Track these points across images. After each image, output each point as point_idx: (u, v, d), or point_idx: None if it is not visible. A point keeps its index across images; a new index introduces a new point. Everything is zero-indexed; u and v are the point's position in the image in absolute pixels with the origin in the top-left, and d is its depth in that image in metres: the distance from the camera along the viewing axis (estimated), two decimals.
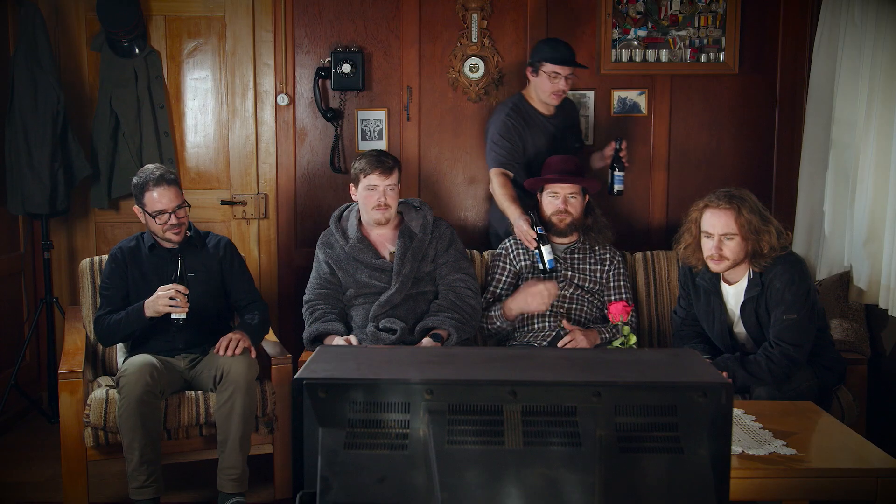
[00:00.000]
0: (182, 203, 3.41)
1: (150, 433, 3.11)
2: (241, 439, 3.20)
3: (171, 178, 3.41)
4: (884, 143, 3.55)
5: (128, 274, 3.42)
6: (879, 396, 3.68)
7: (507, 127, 3.90)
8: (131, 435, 3.09)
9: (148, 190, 3.35)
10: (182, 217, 3.41)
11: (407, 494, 1.47)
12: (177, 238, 3.41)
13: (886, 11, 3.51)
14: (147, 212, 3.37)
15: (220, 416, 3.20)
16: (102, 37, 4.18)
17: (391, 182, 3.51)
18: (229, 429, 3.18)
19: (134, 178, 3.44)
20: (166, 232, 3.37)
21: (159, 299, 3.23)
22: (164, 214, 3.35)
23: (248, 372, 3.22)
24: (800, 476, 2.38)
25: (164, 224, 3.36)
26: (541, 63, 3.87)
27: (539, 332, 3.62)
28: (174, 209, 3.36)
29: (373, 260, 3.55)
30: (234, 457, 3.19)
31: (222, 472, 3.20)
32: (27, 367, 4.32)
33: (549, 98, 3.90)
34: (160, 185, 3.35)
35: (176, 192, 3.39)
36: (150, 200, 3.36)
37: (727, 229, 3.10)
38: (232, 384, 3.18)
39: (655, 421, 1.49)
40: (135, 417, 3.08)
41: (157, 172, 3.39)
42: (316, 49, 4.30)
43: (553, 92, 3.87)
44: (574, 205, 3.67)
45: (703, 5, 4.29)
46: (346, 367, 1.60)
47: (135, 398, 3.08)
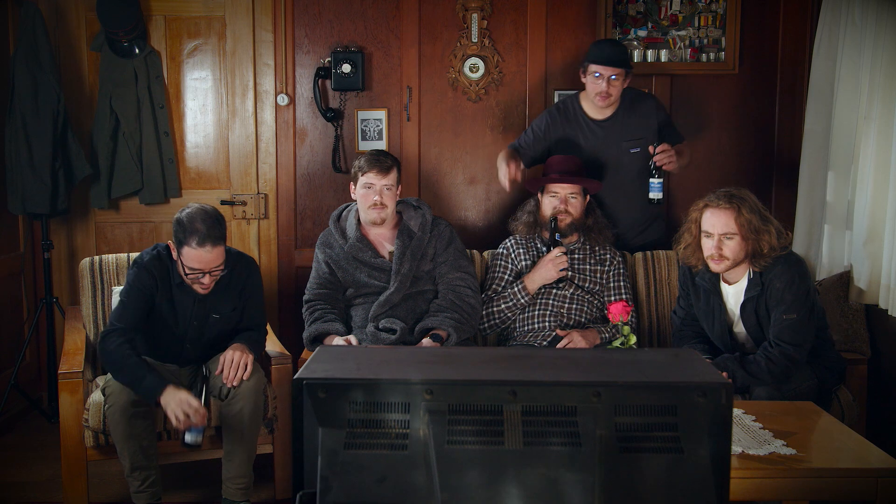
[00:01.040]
0: (222, 263, 3.12)
1: (139, 440, 3.08)
2: (248, 450, 3.19)
3: (217, 237, 3.06)
4: (884, 143, 3.55)
5: (155, 292, 3.18)
6: (879, 396, 3.68)
7: (541, 120, 3.94)
8: (121, 443, 3.08)
9: (189, 244, 3.04)
10: (216, 276, 3.15)
11: (407, 494, 1.47)
12: (203, 292, 3.18)
13: (886, 11, 3.51)
14: (182, 262, 3.10)
15: (229, 428, 3.17)
16: (102, 37, 4.18)
17: (388, 182, 3.51)
18: (238, 441, 3.16)
19: (179, 213, 3.10)
20: (194, 284, 3.14)
21: (178, 407, 2.96)
22: (197, 273, 3.09)
23: (256, 386, 3.18)
24: (800, 476, 2.38)
25: (193, 280, 3.12)
26: (586, 64, 3.81)
27: (539, 332, 3.62)
28: (212, 269, 3.11)
29: (372, 259, 3.55)
30: (243, 467, 3.18)
31: (230, 481, 3.19)
32: (27, 367, 4.32)
33: (595, 100, 3.79)
34: (203, 246, 3.04)
35: (218, 253, 3.08)
36: (187, 256, 3.06)
37: (727, 229, 3.10)
38: (241, 400, 3.15)
39: (655, 421, 1.49)
40: (122, 426, 3.05)
41: (203, 228, 3.04)
42: (316, 49, 4.30)
43: (597, 93, 3.76)
44: (574, 205, 3.67)
45: (703, 5, 4.29)
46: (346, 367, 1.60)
47: (119, 407, 3.05)
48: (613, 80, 3.74)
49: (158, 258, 3.20)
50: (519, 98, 4.34)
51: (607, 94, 3.75)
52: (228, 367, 3.15)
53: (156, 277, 3.17)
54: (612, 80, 3.74)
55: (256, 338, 3.35)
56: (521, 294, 3.63)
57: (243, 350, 3.20)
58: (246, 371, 3.16)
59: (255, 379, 3.18)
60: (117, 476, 3.54)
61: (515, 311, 3.65)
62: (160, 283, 3.18)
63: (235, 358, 3.17)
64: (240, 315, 3.36)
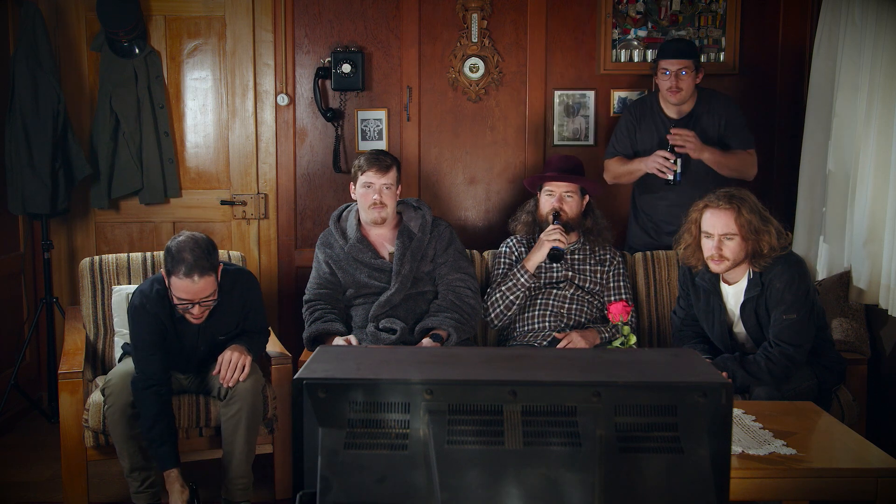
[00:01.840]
0: (212, 293, 3.03)
1: (139, 440, 3.09)
2: (247, 451, 3.18)
3: (205, 268, 2.98)
4: (884, 143, 3.55)
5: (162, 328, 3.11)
6: (879, 396, 3.68)
7: (622, 117, 4.00)
8: (121, 444, 3.09)
9: (175, 274, 2.98)
10: (207, 307, 3.06)
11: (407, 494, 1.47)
12: (197, 322, 3.10)
13: (886, 11, 3.51)
14: (171, 290, 3.03)
15: (227, 430, 3.17)
16: (102, 37, 4.18)
17: (388, 181, 3.50)
18: (236, 442, 3.16)
19: (170, 241, 3.04)
20: (185, 314, 3.07)
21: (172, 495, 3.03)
22: (185, 303, 3.02)
23: (254, 386, 3.17)
24: (800, 476, 2.38)
25: (183, 310, 3.05)
26: (655, 63, 3.86)
27: (539, 332, 3.62)
28: (201, 300, 3.03)
29: (372, 260, 3.55)
30: (242, 468, 3.18)
31: (230, 482, 3.19)
32: (27, 367, 4.32)
33: (667, 96, 3.82)
34: (190, 277, 2.96)
35: (207, 283, 3.00)
36: (175, 285, 2.99)
37: (727, 229, 3.10)
38: (239, 400, 3.14)
39: (655, 421, 1.49)
40: (122, 426, 3.06)
41: (191, 258, 2.96)
42: (316, 49, 4.30)
43: (667, 89, 3.79)
44: (570, 204, 3.66)
45: (703, 5, 4.29)
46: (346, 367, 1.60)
47: (119, 407, 3.06)
48: (683, 75, 3.78)
49: (158, 295, 3.10)
50: (519, 98, 4.34)
51: (677, 89, 3.78)
52: (226, 367, 3.14)
53: (159, 314, 3.10)
54: (682, 75, 3.78)
55: (257, 339, 3.34)
56: (521, 273, 3.62)
57: (241, 351, 3.18)
58: (243, 372, 3.14)
59: (252, 379, 3.18)
60: (117, 476, 3.53)
61: (517, 292, 3.62)
62: (163, 317, 3.11)
63: (233, 359, 3.15)
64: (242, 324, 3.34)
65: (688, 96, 3.84)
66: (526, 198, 3.96)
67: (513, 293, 3.62)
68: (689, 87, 3.82)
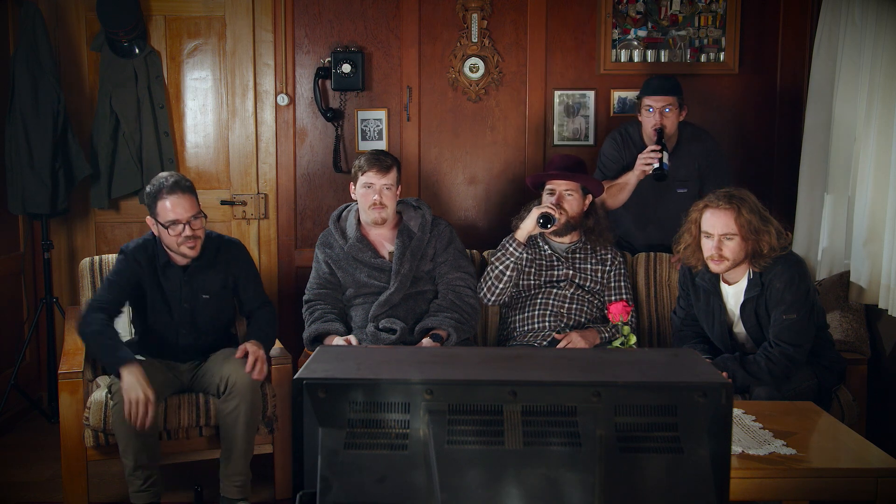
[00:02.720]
0: (198, 213, 3.19)
1: (144, 439, 3.09)
2: (245, 448, 3.19)
3: (186, 185, 3.19)
4: (884, 143, 3.55)
5: (143, 277, 3.24)
6: (879, 396, 3.68)
7: (607, 145, 3.93)
8: (125, 441, 3.08)
9: (161, 198, 3.14)
10: (198, 228, 3.19)
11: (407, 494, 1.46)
12: (192, 253, 3.21)
13: (886, 11, 3.51)
14: (160, 222, 3.17)
15: (225, 426, 3.18)
16: (102, 37, 4.18)
17: (388, 181, 3.50)
18: (234, 438, 3.17)
19: (147, 186, 3.24)
20: (181, 245, 3.17)
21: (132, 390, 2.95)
22: (178, 225, 3.14)
23: (252, 383, 3.18)
24: (800, 476, 2.38)
25: (178, 235, 3.15)
26: (639, 100, 3.82)
27: (539, 332, 3.62)
28: (189, 219, 3.15)
29: (372, 259, 3.55)
30: (240, 465, 3.18)
31: (227, 478, 3.20)
32: (27, 367, 4.32)
33: (652, 134, 3.75)
34: (174, 193, 3.14)
35: (191, 201, 3.18)
36: (162, 210, 3.14)
37: (727, 229, 3.10)
38: (237, 396, 3.15)
39: (655, 421, 1.49)
40: (127, 424, 3.05)
41: (171, 179, 3.17)
42: (316, 49, 4.30)
43: (651, 126, 3.74)
44: (570, 202, 3.66)
45: (703, 5, 4.29)
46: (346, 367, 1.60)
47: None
48: (667, 112, 3.73)
49: (144, 246, 3.27)
50: (519, 98, 4.34)
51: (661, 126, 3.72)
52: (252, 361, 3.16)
53: (141, 263, 3.23)
54: (666, 112, 3.73)
55: (268, 320, 3.40)
56: (510, 242, 3.62)
57: (257, 346, 3.23)
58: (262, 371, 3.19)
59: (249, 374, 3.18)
60: (117, 476, 3.54)
61: (506, 261, 3.60)
62: (146, 267, 3.24)
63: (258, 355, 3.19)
64: (230, 294, 3.39)
65: (672, 131, 3.79)
66: (526, 197, 3.96)
67: (502, 262, 3.61)
68: (673, 125, 3.77)
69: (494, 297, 3.65)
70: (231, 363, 3.20)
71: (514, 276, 3.63)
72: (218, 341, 3.39)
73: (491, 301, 3.67)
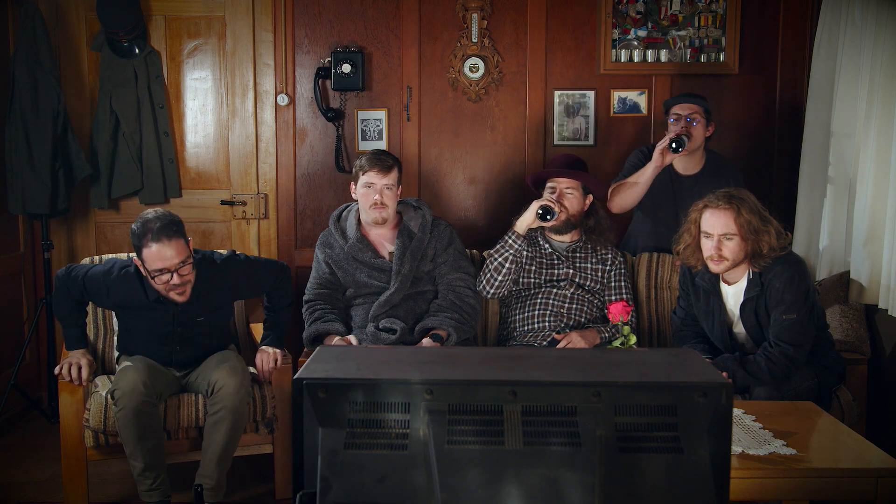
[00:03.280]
0: (186, 258, 3.05)
1: (151, 439, 3.10)
2: (220, 454, 3.15)
3: (173, 229, 3.02)
4: (884, 143, 3.55)
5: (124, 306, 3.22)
6: (879, 396, 3.68)
7: (634, 158, 3.89)
8: (133, 444, 3.08)
9: (146, 245, 3.00)
10: (186, 274, 3.06)
11: (407, 494, 1.46)
12: (181, 299, 3.11)
13: (886, 11, 3.51)
14: (145, 269, 3.06)
15: (207, 427, 3.19)
16: (102, 37, 4.18)
17: (389, 181, 3.50)
18: (212, 441, 3.16)
19: (134, 223, 3.08)
20: (169, 292, 3.08)
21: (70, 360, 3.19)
22: (165, 274, 3.03)
23: (237, 392, 3.15)
24: (800, 476, 2.38)
25: (165, 284, 3.05)
26: (666, 113, 3.82)
27: (539, 332, 3.62)
28: (177, 266, 3.02)
29: (372, 259, 3.55)
30: (212, 468, 3.17)
31: (199, 477, 3.20)
32: (27, 367, 4.32)
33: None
34: (159, 241, 2.98)
35: (179, 246, 3.02)
36: (149, 257, 3.01)
37: (727, 229, 3.10)
38: (221, 402, 3.14)
39: (655, 421, 1.49)
40: (134, 426, 3.06)
41: (157, 224, 3.00)
42: (316, 49, 4.30)
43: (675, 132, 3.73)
44: (571, 200, 3.66)
45: (703, 5, 4.29)
46: (346, 367, 1.60)
47: (131, 409, 3.06)
48: (694, 125, 3.72)
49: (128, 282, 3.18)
50: (519, 98, 4.34)
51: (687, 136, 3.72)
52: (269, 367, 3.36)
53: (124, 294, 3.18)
54: (693, 124, 3.72)
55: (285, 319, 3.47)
56: (509, 235, 3.62)
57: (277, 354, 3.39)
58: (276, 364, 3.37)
59: (237, 384, 3.15)
60: (117, 476, 3.54)
61: (505, 253, 3.60)
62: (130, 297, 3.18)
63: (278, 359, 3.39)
64: (230, 306, 3.41)
65: (697, 145, 3.77)
66: (526, 197, 3.96)
67: (501, 254, 3.61)
68: (699, 137, 3.76)
69: (493, 289, 3.64)
70: (221, 370, 3.19)
71: (513, 268, 3.62)
72: (214, 347, 3.38)
73: (490, 294, 3.66)
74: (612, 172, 4.25)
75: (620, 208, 3.89)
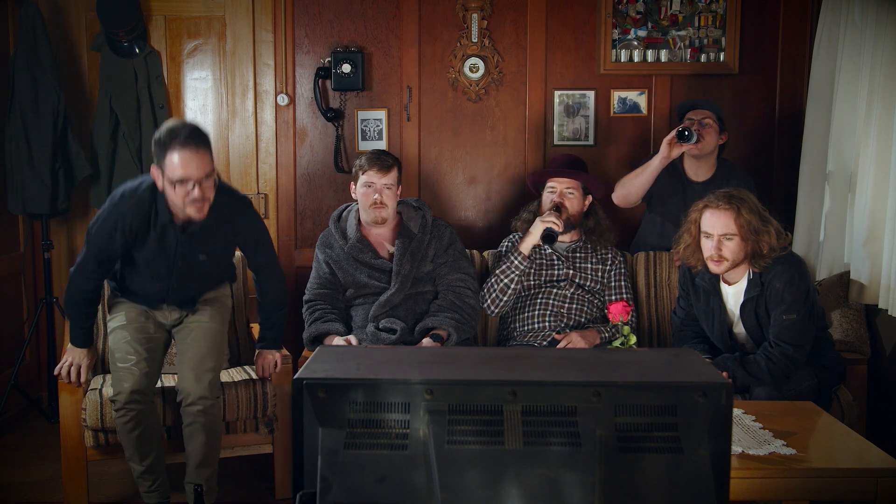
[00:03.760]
0: (211, 172, 2.81)
1: (150, 443, 3.09)
2: (202, 460, 3.11)
3: (201, 138, 2.79)
4: (884, 143, 3.55)
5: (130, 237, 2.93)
6: (879, 396, 3.68)
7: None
8: (132, 448, 3.08)
9: (171, 150, 2.74)
10: (208, 189, 2.81)
11: (407, 494, 1.46)
12: (198, 216, 2.86)
13: (886, 11, 3.51)
14: (167, 177, 2.79)
15: (185, 435, 3.14)
16: (102, 37, 4.18)
17: (388, 181, 3.51)
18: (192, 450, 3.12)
19: (157, 132, 2.82)
20: (186, 206, 2.83)
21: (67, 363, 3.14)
22: (187, 184, 2.77)
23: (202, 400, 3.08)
24: (800, 476, 2.38)
25: (185, 196, 2.79)
26: (680, 117, 3.83)
27: (539, 332, 3.62)
28: (201, 179, 2.77)
29: (372, 260, 3.55)
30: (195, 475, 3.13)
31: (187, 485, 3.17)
32: (27, 367, 4.32)
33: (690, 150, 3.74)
34: (187, 148, 2.73)
35: (205, 159, 2.78)
36: (171, 165, 2.75)
37: (726, 230, 3.10)
38: (191, 415, 3.10)
39: (655, 421, 1.49)
40: (133, 433, 3.05)
41: (185, 129, 2.76)
42: (316, 49, 4.30)
43: None
44: (571, 201, 3.67)
45: (703, 5, 4.29)
46: (346, 367, 1.60)
47: (130, 417, 3.04)
48: (707, 128, 3.74)
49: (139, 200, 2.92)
50: (519, 98, 4.34)
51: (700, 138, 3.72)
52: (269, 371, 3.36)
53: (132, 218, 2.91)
54: (705, 127, 3.73)
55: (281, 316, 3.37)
56: (515, 256, 3.62)
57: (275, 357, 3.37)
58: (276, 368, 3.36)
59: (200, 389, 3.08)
60: (117, 476, 3.54)
61: (511, 275, 3.62)
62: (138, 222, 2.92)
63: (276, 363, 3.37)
64: (231, 252, 3.24)
65: (709, 148, 3.77)
66: (526, 197, 3.96)
67: (507, 276, 3.62)
68: (712, 141, 3.76)
69: (498, 308, 3.67)
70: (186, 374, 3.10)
71: (518, 288, 3.64)
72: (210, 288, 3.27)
73: (494, 312, 3.68)
74: (612, 172, 4.25)
75: (623, 199, 3.90)
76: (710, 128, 3.75)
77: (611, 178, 4.14)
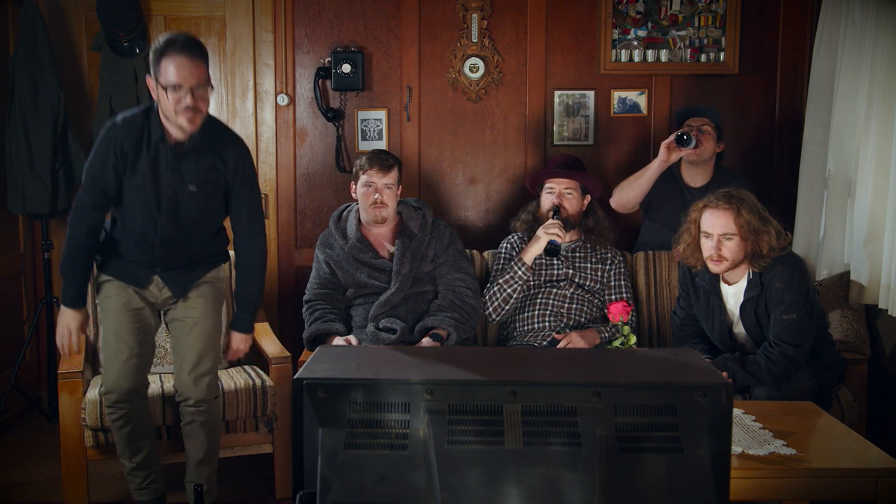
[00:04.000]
0: (205, 82, 2.81)
1: (140, 440, 3.08)
2: (201, 459, 3.12)
3: (197, 49, 2.79)
4: (884, 143, 3.55)
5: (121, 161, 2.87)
6: (879, 396, 3.68)
7: None
8: (122, 445, 3.08)
9: (166, 56, 2.75)
10: (201, 100, 2.81)
11: (407, 494, 1.47)
12: (190, 127, 2.81)
13: (886, 11, 3.51)
14: (159, 83, 2.79)
15: (184, 434, 3.15)
16: (102, 37, 4.18)
17: (389, 180, 3.51)
18: (191, 450, 3.13)
19: (155, 40, 2.83)
20: (178, 114, 2.79)
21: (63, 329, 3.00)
22: (179, 91, 2.76)
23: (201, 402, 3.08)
24: (800, 476, 2.38)
25: (177, 103, 2.77)
26: (679, 123, 3.85)
27: (539, 332, 3.62)
28: (193, 86, 2.77)
29: (372, 260, 3.55)
30: (195, 473, 3.14)
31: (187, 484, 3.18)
32: (27, 367, 4.32)
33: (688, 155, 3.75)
34: (182, 55, 2.74)
35: (200, 68, 2.78)
36: (164, 70, 2.76)
37: (726, 229, 3.10)
38: (190, 415, 3.11)
39: (655, 421, 1.49)
40: (123, 430, 3.05)
41: (181, 38, 2.77)
42: (316, 49, 4.30)
43: None
44: (570, 201, 3.67)
45: (703, 5, 4.29)
46: (346, 367, 1.60)
47: (120, 415, 3.03)
48: (706, 134, 3.76)
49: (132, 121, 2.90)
50: (519, 98, 4.34)
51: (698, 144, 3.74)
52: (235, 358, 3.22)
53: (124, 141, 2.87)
54: (703, 133, 3.76)
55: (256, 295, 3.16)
56: (518, 266, 3.63)
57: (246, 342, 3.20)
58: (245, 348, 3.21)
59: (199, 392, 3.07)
60: (117, 476, 3.54)
61: (514, 285, 3.63)
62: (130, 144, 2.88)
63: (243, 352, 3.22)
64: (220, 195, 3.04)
65: (707, 154, 3.79)
66: (526, 197, 3.96)
67: (510, 286, 3.63)
68: (710, 148, 3.78)
69: (500, 316, 3.68)
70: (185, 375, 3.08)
71: (520, 297, 3.65)
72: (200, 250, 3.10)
73: (495, 320, 3.69)
74: (611, 173, 4.25)
75: (621, 204, 3.90)
76: (709, 134, 3.78)
77: (611, 179, 4.14)
